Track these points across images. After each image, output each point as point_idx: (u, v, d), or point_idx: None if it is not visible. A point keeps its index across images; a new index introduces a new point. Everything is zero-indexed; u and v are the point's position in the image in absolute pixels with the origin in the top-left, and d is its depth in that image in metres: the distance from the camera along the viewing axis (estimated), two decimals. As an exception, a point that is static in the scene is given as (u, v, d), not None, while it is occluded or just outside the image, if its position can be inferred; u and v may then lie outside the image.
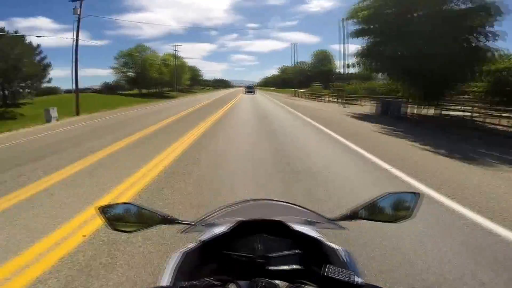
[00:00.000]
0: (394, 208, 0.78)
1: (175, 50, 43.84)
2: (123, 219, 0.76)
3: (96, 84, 55.69)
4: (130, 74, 46.93)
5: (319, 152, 5.96)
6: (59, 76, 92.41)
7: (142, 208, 0.78)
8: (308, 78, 70.45)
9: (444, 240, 2.42)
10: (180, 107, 19.39)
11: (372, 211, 0.78)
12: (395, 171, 4.46)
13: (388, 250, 2.25)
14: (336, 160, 5.32)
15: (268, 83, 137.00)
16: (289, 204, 0.85)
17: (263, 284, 0.52)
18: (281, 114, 14.91)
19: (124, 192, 3.64)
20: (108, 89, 45.77)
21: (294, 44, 40.10)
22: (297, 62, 71.06)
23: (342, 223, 0.79)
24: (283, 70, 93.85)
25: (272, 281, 0.54)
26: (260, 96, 38.28)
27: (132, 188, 3.74)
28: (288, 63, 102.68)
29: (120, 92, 47.56)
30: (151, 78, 45.31)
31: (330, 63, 63.00)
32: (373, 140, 7.30)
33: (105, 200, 3.37)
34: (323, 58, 64.59)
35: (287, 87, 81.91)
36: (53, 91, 32.66)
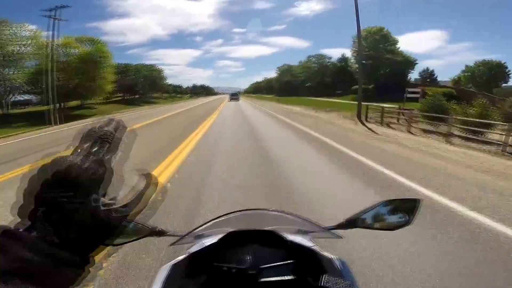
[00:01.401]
0: (393, 215, 0.75)
1: (53, 18, 17.66)
2: None
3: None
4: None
5: None
6: None
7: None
8: (337, 79, 45.78)
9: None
10: None
11: (369, 219, 0.75)
12: None
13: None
14: None
15: (260, 89, 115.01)
16: (282, 214, 0.82)
17: None
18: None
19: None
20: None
21: (357, 5, 12.08)
22: (315, 55, 47.34)
23: (338, 231, 0.77)
24: (285, 71, 69.36)
25: None
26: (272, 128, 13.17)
27: None
28: (278, 67, 77.48)
29: None
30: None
31: (398, 50, 35.53)
32: None
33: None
34: (379, 41, 35.49)
35: (291, 94, 58.50)
36: None
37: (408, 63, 34.38)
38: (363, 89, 37.90)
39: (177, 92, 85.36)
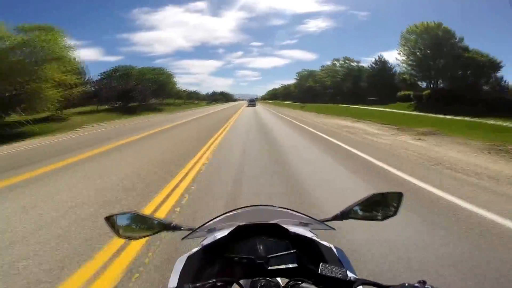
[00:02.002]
0: (380, 207, 0.84)
1: None
2: (128, 227, 0.80)
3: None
4: None
5: None
6: None
7: (146, 216, 0.81)
8: (372, 85, 37.27)
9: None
10: None
11: (360, 211, 0.83)
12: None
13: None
14: None
15: (276, 96, 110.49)
16: (285, 209, 0.88)
17: (263, 282, 0.56)
18: None
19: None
20: None
21: None
22: (342, 58, 39.90)
23: (332, 223, 0.83)
24: (305, 76, 61.71)
25: (272, 279, 0.58)
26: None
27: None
28: (289, 80, 69.50)
29: None
30: None
31: (474, 49, 25.48)
32: None
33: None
34: (441, 38, 26.11)
35: (313, 100, 50.49)
36: None
37: (490, 65, 24.99)
38: (409, 96, 29.59)
39: (192, 98, 79.66)
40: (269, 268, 0.64)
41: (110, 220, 0.78)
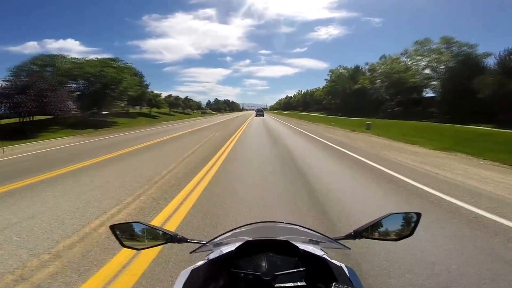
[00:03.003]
0: (396, 227, 0.80)
1: None
2: (133, 237, 0.78)
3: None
4: None
5: None
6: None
7: (152, 227, 0.79)
8: None
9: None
10: None
11: (375, 231, 0.80)
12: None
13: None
14: None
15: (291, 105, 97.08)
16: (295, 226, 0.86)
17: None
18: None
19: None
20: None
21: None
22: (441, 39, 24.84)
23: (346, 242, 0.81)
24: (348, 77, 42.09)
25: None
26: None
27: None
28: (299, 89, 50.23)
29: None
30: None
31: None
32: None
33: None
34: None
35: (359, 111, 31.74)
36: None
37: None
38: None
39: (179, 107, 61.64)
40: (276, 285, 0.62)
41: (114, 229, 0.75)
